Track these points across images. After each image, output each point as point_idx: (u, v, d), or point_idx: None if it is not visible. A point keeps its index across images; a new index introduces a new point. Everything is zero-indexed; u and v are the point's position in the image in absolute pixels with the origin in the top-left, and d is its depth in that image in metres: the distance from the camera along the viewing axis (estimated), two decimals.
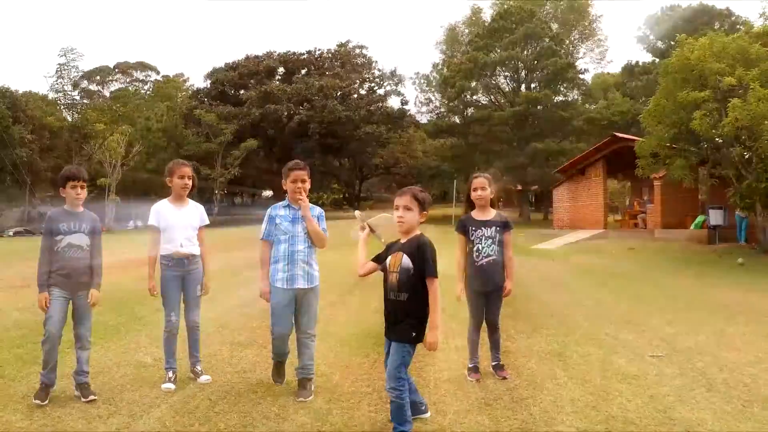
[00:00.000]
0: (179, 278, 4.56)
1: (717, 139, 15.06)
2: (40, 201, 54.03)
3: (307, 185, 4.38)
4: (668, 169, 16.06)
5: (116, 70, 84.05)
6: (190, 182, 4.69)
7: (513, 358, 5.23)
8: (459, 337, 5.77)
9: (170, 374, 4.46)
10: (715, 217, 16.08)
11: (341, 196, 73.00)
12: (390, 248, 3.59)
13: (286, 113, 46.25)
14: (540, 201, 52.44)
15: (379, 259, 3.63)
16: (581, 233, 22.38)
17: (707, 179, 15.99)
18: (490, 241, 4.64)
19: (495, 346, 4.81)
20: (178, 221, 4.60)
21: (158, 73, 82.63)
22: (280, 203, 4.47)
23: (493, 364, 4.80)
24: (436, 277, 3.41)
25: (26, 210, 56.33)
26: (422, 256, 3.41)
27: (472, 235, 4.67)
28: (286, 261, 4.28)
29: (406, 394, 3.38)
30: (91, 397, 4.09)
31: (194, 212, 4.73)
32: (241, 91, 51.02)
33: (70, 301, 4.21)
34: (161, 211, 4.61)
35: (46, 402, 4.03)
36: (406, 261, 3.43)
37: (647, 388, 4.42)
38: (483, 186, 4.72)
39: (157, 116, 48.36)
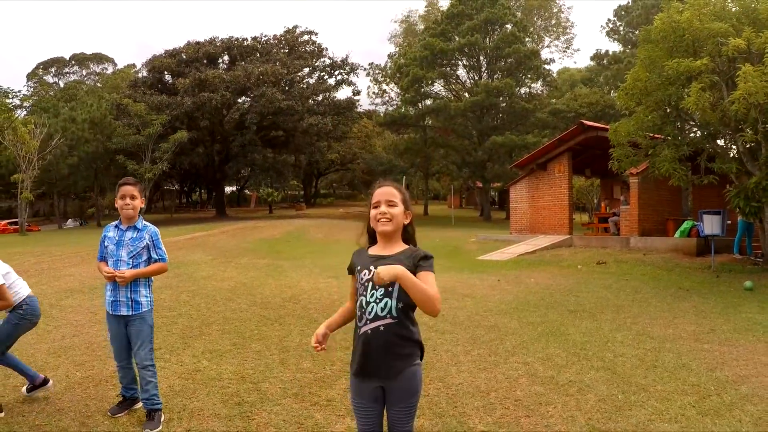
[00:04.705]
0: None
1: (716, 124, 11.40)
2: None
3: (137, 202, 4.18)
4: (651, 162, 12.35)
5: (72, 61, 78.47)
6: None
7: None
8: None
9: None
10: (711, 225, 12.23)
11: (299, 192, 69.15)
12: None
13: (221, 102, 41.79)
14: (504, 199, 49.13)
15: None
16: (541, 239, 18.71)
17: (705, 176, 12.07)
18: None
19: None
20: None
21: (115, 65, 77.63)
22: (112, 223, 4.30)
23: None
24: None
25: None
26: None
27: None
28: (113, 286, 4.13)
29: None
30: None
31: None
32: (178, 79, 46.28)
33: None
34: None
35: None
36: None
37: None
38: None
39: (87, 106, 43.66)
